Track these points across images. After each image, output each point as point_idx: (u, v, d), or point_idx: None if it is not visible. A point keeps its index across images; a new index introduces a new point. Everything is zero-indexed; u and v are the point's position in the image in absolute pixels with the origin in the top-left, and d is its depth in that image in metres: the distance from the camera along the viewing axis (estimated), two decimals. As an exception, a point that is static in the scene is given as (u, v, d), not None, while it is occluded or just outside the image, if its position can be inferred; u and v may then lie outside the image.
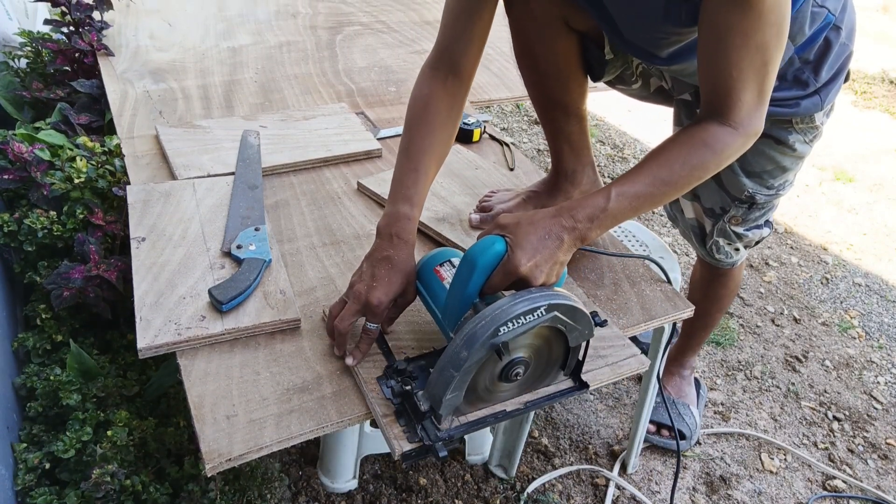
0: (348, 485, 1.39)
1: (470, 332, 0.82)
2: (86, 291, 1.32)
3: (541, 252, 0.88)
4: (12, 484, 1.14)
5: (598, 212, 0.92)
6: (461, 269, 0.90)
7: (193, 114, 1.60)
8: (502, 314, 0.81)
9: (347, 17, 2.27)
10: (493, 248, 0.88)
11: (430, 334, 1.05)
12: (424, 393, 0.88)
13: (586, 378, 0.99)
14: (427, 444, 0.87)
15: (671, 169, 0.94)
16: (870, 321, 2.14)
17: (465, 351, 0.81)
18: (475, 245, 0.90)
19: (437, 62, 1.10)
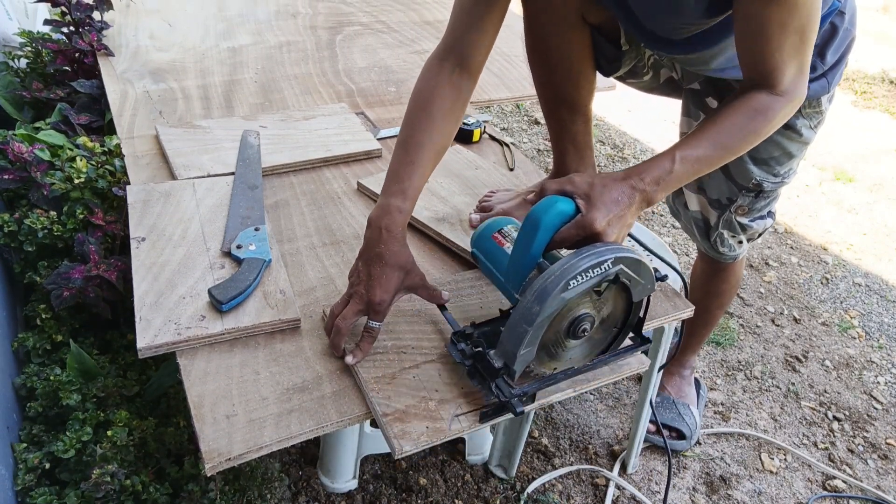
0: (348, 485, 1.39)
1: (541, 287, 0.84)
2: (86, 291, 1.32)
3: (614, 211, 0.91)
4: (12, 484, 1.14)
5: (664, 174, 0.95)
6: (525, 229, 0.92)
7: (193, 114, 1.60)
8: (571, 268, 0.84)
9: (347, 17, 2.27)
10: (555, 207, 0.91)
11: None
12: (497, 351, 0.90)
13: (586, 378, 0.99)
14: (503, 400, 0.90)
15: (729, 134, 0.98)
16: (870, 321, 2.14)
17: (536, 306, 0.84)
18: (538, 205, 0.92)
19: (445, 54, 1.10)
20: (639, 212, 0.96)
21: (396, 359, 1.00)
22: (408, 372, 0.98)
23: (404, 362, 0.99)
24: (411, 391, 0.95)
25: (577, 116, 1.28)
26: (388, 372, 0.97)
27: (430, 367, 0.99)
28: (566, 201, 0.92)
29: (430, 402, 0.94)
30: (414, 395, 0.94)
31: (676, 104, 1.39)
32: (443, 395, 0.95)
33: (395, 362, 0.99)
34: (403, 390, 0.95)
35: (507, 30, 2.25)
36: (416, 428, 0.90)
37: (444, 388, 0.96)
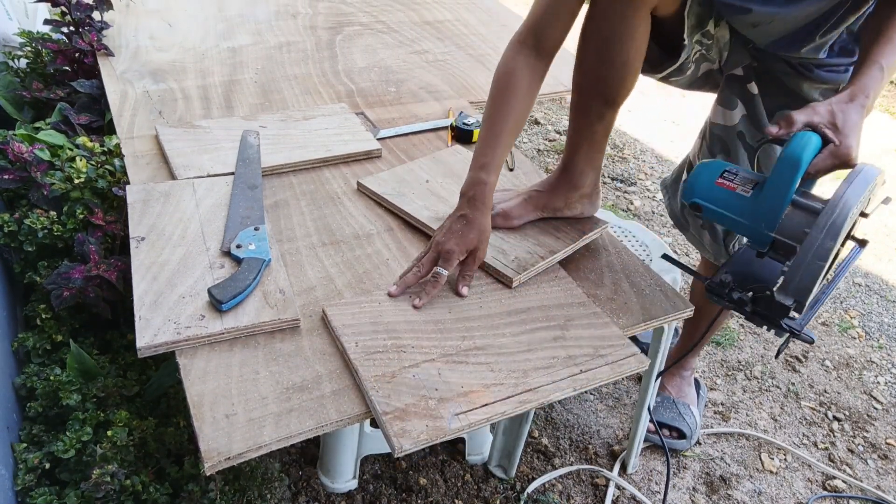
0: (348, 485, 1.39)
1: (831, 224, 0.89)
2: (86, 291, 1.32)
3: (858, 134, 0.96)
4: (12, 484, 1.14)
5: (877, 84, 1.00)
6: (782, 170, 0.94)
7: (193, 114, 1.60)
8: (851, 200, 0.90)
9: (347, 18, 2.27)
10: (811, 144, 0.93)
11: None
12: (782, 291, 0.94)
13: (586, 378, 1.02)
14: (796, 332, 0.98)
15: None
16: (870, 321, 2.14)
17: (830, 241, 0.89)
18: (793, 144, 0.93)
19: (526, 38, 1.17)
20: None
21: (396, 357, 1.00)
22: (407, 371, 0.98)
23: (404, 361, 1.00)
24: (411, 390, 0.95)
25: (608, 114, 1.27)
26: (387, 370, 0.98)
27: (430, 366, 1.00)
28: (815, 136, 0.94)
29: (430, 400, 0.94)
30: (414, 393, 0.95)
31: (676, 104, 1.39)
32: (442, 394, 0.95)
33: (395, 361, 0.99)
34: (403, 389, 0.95)
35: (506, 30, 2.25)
36: (416, 426, 0.90)
37: (444, 386, 0.97)
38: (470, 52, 2.09)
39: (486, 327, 1.08)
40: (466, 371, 0.99)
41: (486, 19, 2.36)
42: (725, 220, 1.03)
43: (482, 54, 2.08)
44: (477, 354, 1.03)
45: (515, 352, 1.04)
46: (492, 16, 2.39)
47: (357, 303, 1.09)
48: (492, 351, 1.04)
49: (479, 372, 1.00)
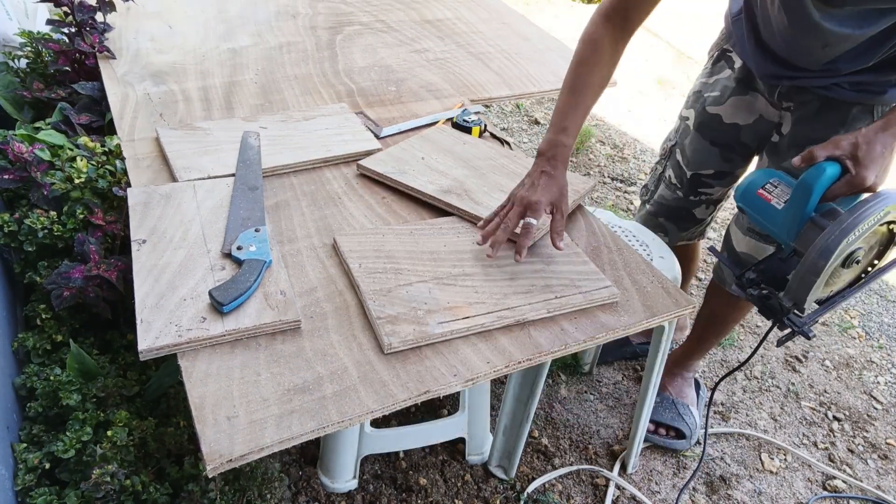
0: (348, 485, 1.39)
1: (823, 245, 1.00)
2: (86, 291, 1.32)
3: (880, 164, 1.02)
4: (12, 484, 1.15)
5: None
6: (797, 195, 1.07)
7: (194, 115, 1.60)
8: (849, 227, 0.99)
9: (347, 17, 2.27)
10: (825, 175, 1.03)
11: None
12: (786, 295, 1.08)
13: (560, 303, 1.12)
14: (797, 329, 1.09)
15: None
16: (870, 321, 2.14)
17: (822, 260, 1.00)
18: (809, 173, 1.05)
19: (612, 15, 1.21)
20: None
21: (393, 277, 1.13)
22: (402, 288, 1.11)
23: (399, 280, 1.13)
24: (403, 302, 1.08)
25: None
26: (384, 287, 1.11)
27: (422, 286, 1.12)
28: (833, 165, 1.03)
29: (419, 311, 1.07)
30: (405, 305, 1.08)
31: (676, 104, 1.39)
32: (430, 307, 1.08)
33: (392, 280, 1.13)
34: (397, 301, 1.08)
35: (507, 28, 2.25)
36: (405, 329, 1.03)
37: (432, 301, 1.09)
38: (470, 50, 2.09)
39: (477, 259, 1.19)
40: (453, 291, 1.12)
41: (486, 17, 2.35)
42: (762, 226, 1.16)
43: (483, 53, 2.08)
44: (465, 279, 1.15)
45: (499, 279, 1.16)
46: (492, 14, 2.39)
47: (364, 233, 1.23)
48: (478, 277, 1.15)
49: (464, 293, 1.12)
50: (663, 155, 1.63)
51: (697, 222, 1.63)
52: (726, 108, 1.43)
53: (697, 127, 1.49)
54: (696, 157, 1.52)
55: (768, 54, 1.28)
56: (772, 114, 1.38)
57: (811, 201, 1.05)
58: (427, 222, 1.29)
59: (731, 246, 1.48)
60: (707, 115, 1.47)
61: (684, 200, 1.59)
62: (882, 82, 1.20)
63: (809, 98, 1.29)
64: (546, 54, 2.08)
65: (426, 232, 1.25)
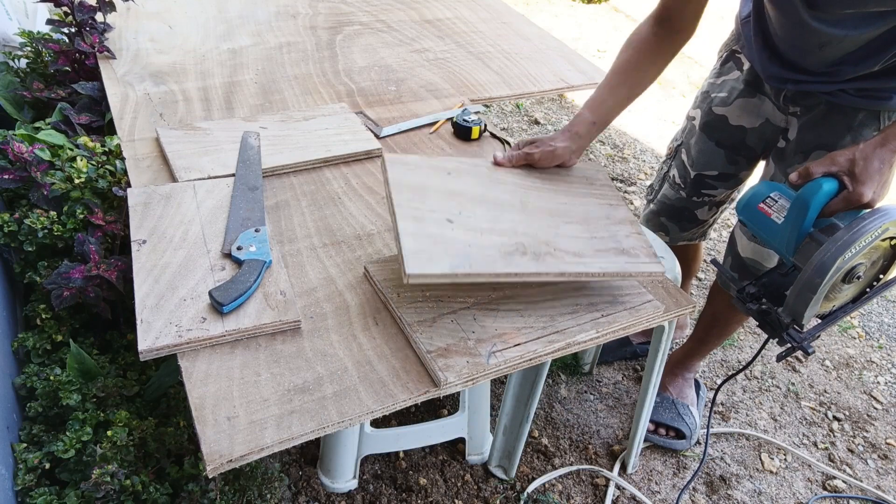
0: (348, 485, 1.39)
1: (819, 262, 0.99)
2: (86, 291, 1.32)
3: (878, 180, 1.01)
4: (12, 484, 1.15)
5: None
6: (794, 211, 1.06)
7: (194, 116, 1.60)
8: (846, 244, 0.98)
9: (347, 17, 2.27)
10: (822, 191, 1.02)
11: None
12: (784, 310, 1.06)
13: (607, 321, 1.10)
14: (795, 345, 1.07)
15: None
16: (870, 321, 2.14)
17: (818, 278, 0.99)
18: (806, 189, 1.04)
19: (662, 19, 1.24)
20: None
21: (435, 306, 1.08)
22: (446, 317, 1.07)
23: (442, 309, 1.08)
24: (451, 332, 1.04)
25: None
26: (427, 317, 1.06)
27: (467, 313, 1.07)
28: (830, 182, 1.02)
29: (469, 341, 1.03)
30: (454, 335, 1.03)
31: (676, 104, 1.39)
32: (479, 336, 1.04)
33: (434, 309, 1.08)
34: (444, 332, 1.04)
35: (506, 28, 2.25)
36: (458, 362, 0.99)
37: (480, 329, 1.05)
38: (470, 50, 2.09)
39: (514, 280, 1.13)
40: (498, 316, 1.08)
41: (486, 17, 2.35)
42: (763, 240, 1.15)
43: (483, 52, 2.08)
44: (507, 302, 1.11)
45: (541, 300, 1.12)
46: (492, 14, 2.39)
47: (394, 260, 1.17)
48: (520, 300, 1.12)
49: (510, 317, 1.08)
50: (669, 154, 1.63)
51: (699, 223, 1.63)
52: (733, 110, 1.43)
53: (703, 127, 1.49)
54: (700, 158, 1.52)
55: (774, 56, 1.28)
56: (778, 118, 1.38)
57: (808, 218, 1.04)
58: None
59: (737, 251, 1.48)
60: (713, 116, 1.46)
61: (687, 201, 1.59)
62: (887, 88, 1.19)
63: (815, 103, 1.29)
64: (546, 54, 2.08)
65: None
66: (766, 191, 1.16)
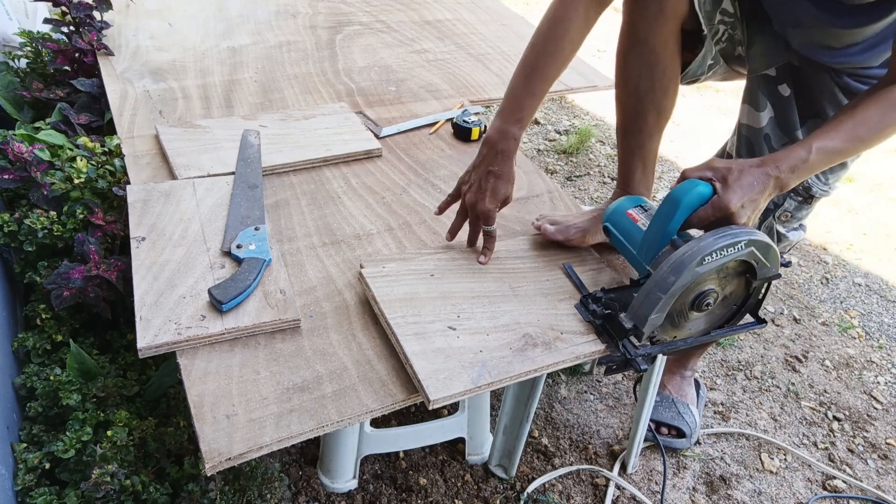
0: (348, 485, 1.39)
1: (678, 260, 0.95)
2: (86, 291, 1.32)
3: (748, 195, 0.98)
4: (12, 484, 1.14)
5: (799, 163, 1.00)
6: (664, 208, 1.02)
7: (193, 113, 1.60)
8: (707, 245, 0.94)
9: (347, 17, 2.27)
10: (696, 189, 0.99)
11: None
12: (628, 314, 1.02)
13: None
14: (628, 357, 1.02)
15: (868, 126, 1.02)
16: (870, 321, 2.14)
17: (672, 276, 0.95)
18: (679, 186, 1.00)
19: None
20: (770, 196, 1.02)
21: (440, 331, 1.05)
22: (443, 340, 1.03)
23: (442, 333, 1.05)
24: (449, 357, 1.00)
25: (661, 127, 1.28)
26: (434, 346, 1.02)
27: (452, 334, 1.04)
28: (705, 185, 0.99)
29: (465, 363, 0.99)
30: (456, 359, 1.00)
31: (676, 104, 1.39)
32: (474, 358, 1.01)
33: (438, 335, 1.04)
34: (441, 356, 1.00)
35: (506, 30, 2.25)
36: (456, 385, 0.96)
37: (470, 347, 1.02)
38: (470, 51, 2.09)
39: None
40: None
41: (486, 19, 2.35)
42: (622, 248, 1.13)
43: (482, 54, 2.08)
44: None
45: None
46: (492, 15, 2.39)
47: (390, 281, 1.13)
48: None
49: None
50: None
51: None
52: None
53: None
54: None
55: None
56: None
57: (676, 217, 1.00)
58: (436, 256, 1.21)
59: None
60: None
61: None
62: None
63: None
64: (546, 54, 2.08)
65: (445, 267, 1.18)
66: (638, 201, 1.16)
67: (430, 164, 1.52)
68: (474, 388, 0.95)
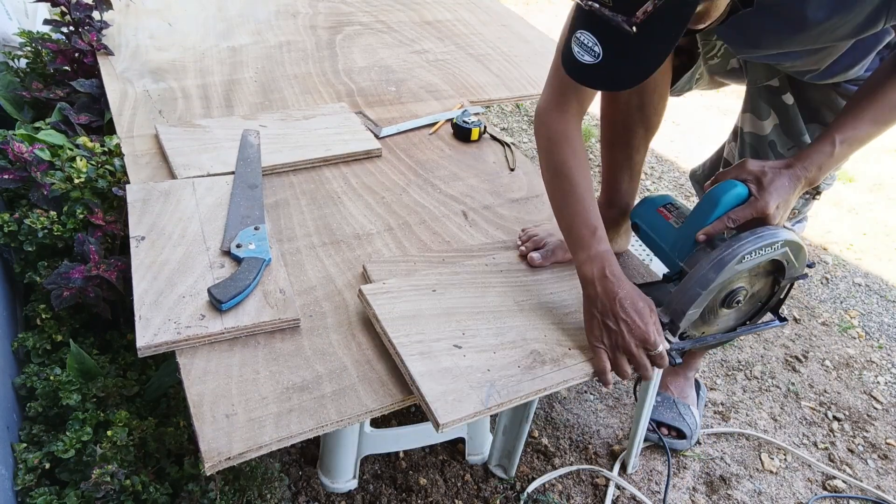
0: (348, 485, 1.39)
1: (718, 257, 0.97)
2: (86, 291, 1.32)
3: (783, 197, 1.01)
4: (12, 484, 1.14)
5: (825, 158, 1.04)
6: (702, 207, 1.04)
7: (193, 113, 1.60)
8: (748, 244, 0.97)
9: (347, 17, 2.27)
10: (735, 190, 1.02)
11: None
12: (664, 309, 1.03)
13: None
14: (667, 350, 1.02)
15: (888, 109, 1.04)
16: (870, 321, 2.14)
17: (713, 273, 0.97)
18: (719, 186, 1.03)
19: (568, 106, 1.11)
20: (800, 193, 1.05)
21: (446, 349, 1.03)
22: (450, 360, 1.01)
23: (450, 352, 1.02)
24: (455, 377, 0.98)
25: (647, 141, 1.29)
26: (439, 366, 0.99)
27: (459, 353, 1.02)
28: (742, 186, 1.02)
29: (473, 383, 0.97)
30: (463, 379, 0.98)
31: (676, 104, 1.39)
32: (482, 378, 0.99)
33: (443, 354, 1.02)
34: (448, 376, 0.98)
35: (506, 30, 2.25)
36: (465, 408, 0.94)
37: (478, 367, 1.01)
38: (470, 52, 2.09)
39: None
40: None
41: (486, 19, 2.35)
42: (652, 244, 1.13)
43: (482, 54, 2.08)
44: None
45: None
46: (492, 16, 2.39)
47: (391, 298, 1.10)
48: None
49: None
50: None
51: None
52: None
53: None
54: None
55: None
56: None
57: (712, 217, 1.03)
58: (437, 271, 1.17)
59: None
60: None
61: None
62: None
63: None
64: (546, 57, 2.08)
65: (447, 282, 1.15)
66: (667, 199, 1.17)
67: (430, 164, 1.52)
68: (484, 409, 0.93)
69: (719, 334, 1.11)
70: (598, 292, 1.01)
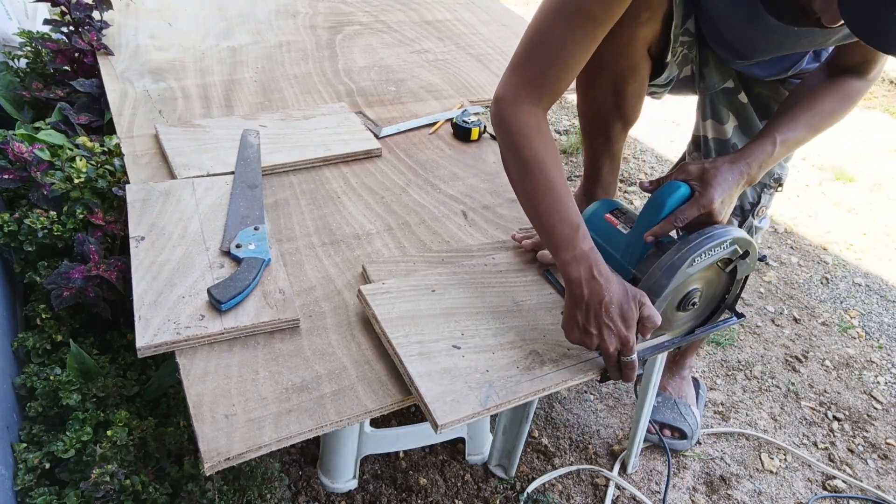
0: (348, 485, 1.39)
1: (668, 263, 0.97)
2: (86, 291, 1.32)
3: (726, 192, 1.02)
4: (12, 484, 1.14)
5: (766, 157, 1.06)
6: (648, 210, 1.04)
7: (193, 113, 1.60)
8: (696, 246, 0.96)
9: (347, 17, 2.27)
10: (678, 192, 1.03)
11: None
12: None
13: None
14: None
15: (822, 117, 1.08)
16: (870, 321, 2.13)
17: (665, 280, 0.96)
18: (662, 189, 1.04)
19: (537, 99, 1.06)
20: (741, 191, 1.07)
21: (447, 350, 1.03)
22: (449, 361, 1.00)
23: (449, 353, 1.02)
24: (454, 378, 0.97)
25: (626, 132, 1.33)
26: (439, 367, 0.99)
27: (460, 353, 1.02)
28: (686, 186, 1.03)
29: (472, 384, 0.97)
30: (462, 380, 0.97)
31: (676, 104, 1.39)
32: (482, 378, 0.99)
33: (443, 354, 1.01)
34: (447, 377, 0.98)
35: (506, 30, 2.25)
36: (464, 409, 0.93)
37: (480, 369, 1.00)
38: (470, 52, 2.09)
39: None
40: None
41: (486, 19, 2.35)
42: (603, 251, 1.06)
43: (483, 54, 2.08)
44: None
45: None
46: (492, 15, 2.39)
47: (389, 299, 1.09)
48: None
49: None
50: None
51: None
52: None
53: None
54: None
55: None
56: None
57: (659, 220, 1.03)
58: (436, 271, 1.17)
59: None
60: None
61: None
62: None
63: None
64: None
65: (446, 282, 1.14)
66: (614, 204, 1.16)
67: (430, 164, 1.52)
68: (483, 410, 0.93)
69: (677, 338, 1.11)
70: (585, 294, 0.95)
